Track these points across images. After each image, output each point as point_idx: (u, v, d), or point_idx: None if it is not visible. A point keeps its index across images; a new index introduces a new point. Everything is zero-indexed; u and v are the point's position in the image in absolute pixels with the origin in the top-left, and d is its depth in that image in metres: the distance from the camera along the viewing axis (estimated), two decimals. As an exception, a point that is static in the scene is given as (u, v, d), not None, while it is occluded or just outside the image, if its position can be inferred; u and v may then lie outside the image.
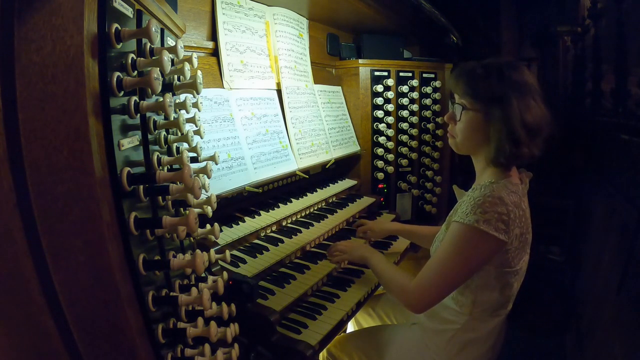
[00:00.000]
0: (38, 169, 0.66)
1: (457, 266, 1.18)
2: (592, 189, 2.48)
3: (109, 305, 0.70)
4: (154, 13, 0.90)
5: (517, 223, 1.16)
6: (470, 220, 1.13)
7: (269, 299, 1.32)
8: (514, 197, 1.17)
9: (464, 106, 1.26)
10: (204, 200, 1.03)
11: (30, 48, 0.65)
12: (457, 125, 1.30)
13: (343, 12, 2.16)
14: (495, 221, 1.12)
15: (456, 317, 1.31)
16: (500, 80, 1.19)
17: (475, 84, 1.23)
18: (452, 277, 1.20)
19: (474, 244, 1.15)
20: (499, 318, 1.32)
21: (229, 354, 0.89)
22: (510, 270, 1.22)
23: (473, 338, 1.31)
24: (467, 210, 1.16)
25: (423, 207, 2.63)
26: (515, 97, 1.17)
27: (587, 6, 2.56)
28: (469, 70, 1.26)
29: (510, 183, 1.21)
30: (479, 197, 1.16)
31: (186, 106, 0.98)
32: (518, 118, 1.16)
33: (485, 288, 1.24)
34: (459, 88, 1.28)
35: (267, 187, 1.76)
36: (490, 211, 1.12)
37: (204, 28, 1.62)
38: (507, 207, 1.13)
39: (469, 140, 1.28)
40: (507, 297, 1.28)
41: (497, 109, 1.19)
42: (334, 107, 2.31)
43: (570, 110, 3.06)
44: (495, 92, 1.19)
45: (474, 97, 1.24)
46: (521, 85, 1.19)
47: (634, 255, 1.49)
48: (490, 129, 1.21)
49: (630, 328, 1.41)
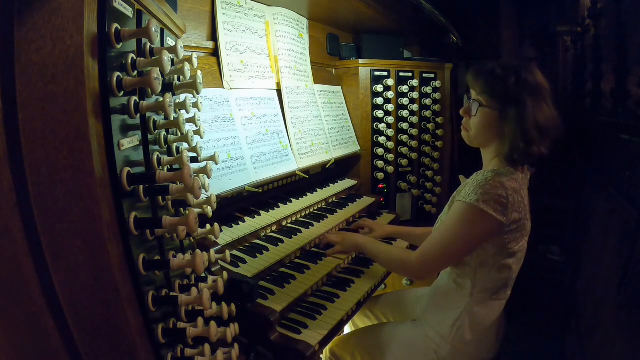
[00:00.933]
0: (38, 169, 0.66)
1: (457, 239, 1.28)
2: (592, 189, 2.48)
3: (109, 305, 0.70)
4: (154, 13, 0.90)
5: (515, 207, 1.23)
6: (471, 200, 1.22)
7: (269, 299, 1.32)
8: (514, 183, 1.24)
9: (480, 103, 1.33)
10: (204, 200, 1.03)
11: (30, 48, 0.65)
12: (472, 120, 1.37)
13: (343, 12, 2.16)
14: (494, 202, 1.20)
15: (458, 302, 1.36)
16: (517, 81, 1.26)
17: (493, 83, 1.30)
18: (452, 249, 1.30)
19: (474, 221, 1.24)
20: (499, 302, 1.37)
21: (229, 354, 0.89)
22: (509, 252, 1.29)
23: (476, 321, 1.34)
24: (469, 191, 1.25)
25: (423, 207, 2.63)
26: (530, 99, 1.25)
27: (587, 6, 2.56)
28: (489, 70, 1.32)
29: (511, 172, 1.28)
30: (481, 180, 1.25)
31: (186, 106, 0.98)
32: (532, 119, 1.24)
33: (484, 267, 1.31)
34: (477, 86, 1.34)
35: (267, 187, 1.76)
36: (491, 193, 1.21)
37: (204, 28, 1.62)
38: (506, 191, 1.21)
39: (482, 134, 1.36)
40: (506, 280, 1.34)
41: (513, 109, 1.26)
42: (334, 107, 2.31)
43: (570, 110, 3.06)
44: (512, 93, 1.26)
45: (492, 96, 1.30)
46: (536, 88, 1.27)
47: (634, 255, 1.49)
48: (504, 127, 1.29)
49: (630, 328, 1.41)
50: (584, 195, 2.70)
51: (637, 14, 1.88)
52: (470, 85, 1.39)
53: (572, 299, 2.56)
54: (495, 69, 1.31)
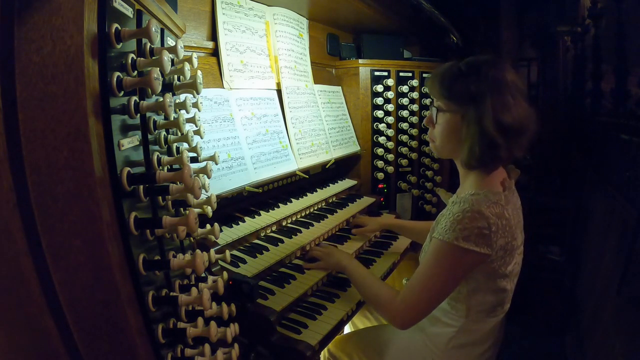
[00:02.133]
0: (38, 169, 0.66)
1: (441, 281, 1.16)
2: (592, 189, 2.48)
3: (109, 305, 0.70)
4: (154, 13, 0.90)
5: (500, 234, 1.12)
6: (449, 238, 1.11)
7: (269, 299, 1.32)
8: (496, 208, 1.13)
9: (439, 108, 1.23)
10: (204, 200, 1.03)
11: (30, 48, 0.65)
12: (436, 129, 1.26)
13: (343, 12, 2.16)
14: (475, 236, 1.09)
15: (453, 321, 1.30)
16: (476, 78, 1.14)
17: (449, 83, 1.19)
18: (436, 292, 1.17)
19: (456, 260, 1.13)
20: (497, 318, 1.31)
21: (229, 354, 0.89)
22: (501, 275, 1.20)
23: (472, 339, 1.30)
24: (446, 227, 1.13)
25: (423, 207, 2.63)
26: (491, 95, 1.12)
27: (587, 6, 2.56)
28: (444, 71, 1.21)
29: (491, 193, 1.16)
30: (457, 213, 1.12)
31: (186, 106, 0.98)
32: (491, 118, 1.11)
33: (477, 292, 1.23)
34: (434, 89, 1.24)
35: (267, 187, 1.76)
36: (470, 227, 1.09)
37: (204, 28, 1.62)
38: (487, 221, 1.10)
39: (447, 144, 1.24)
40: (502, 299, 1.27)
41: (472, 109, 1.14)
42: (334, 107, 2.31)
43: (570, 110, 3.06)
44: (470, 92, 1.14)
45: (449, 98, 1.20)
46: (498, 83, 1.13)
47: (634, 255, 1.49)
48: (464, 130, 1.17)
49: (630, 328, 1.41)
50: (584, 195, 2.70)
51: (637, 14, 1.88)
52: (429, 91, 1.28)
53: (572, 299, 2.56)
54: (451, 68, 1.20)
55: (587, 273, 2.34)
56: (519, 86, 1.16)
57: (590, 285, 2.17)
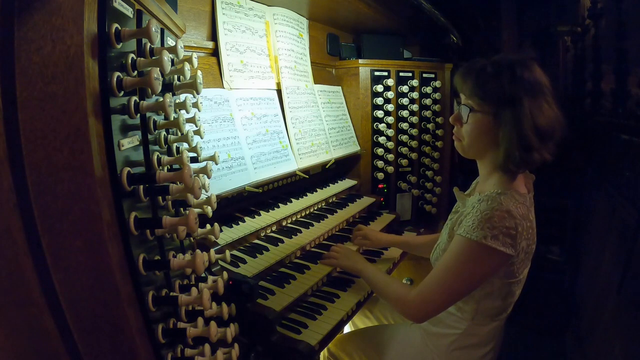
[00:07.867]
0: (38, 169, 0.66)
1: (462, 279, 1.14)
2: (592, 189, 2.48)
3: (109, 305, 0.70)
4: (154, 13, 0.90)
5: (524, 236, 1.11)
6: (477, 236, 1.08)
7: (269, 299, 1.32)
8: (522, 209, 1.12)
9: (471, 108, 1.18)
10: (204, 200, 1.03)
11: (30, 48, 0.65)
12: (464, 128, 1.22)
13: (343, 12, 2.16)
14: (503, 236, 1.07)
15: (457, 323, 1.30)
16: (512, 79, 1.11)
17: (484, 83, 1.15)
18: (455, 290, 1.16)
19: (481, 259, 1.11)
20: (499, 322, 1.31)
21: (229, 354, 0.89)
22: (515, 281, 1.20)
23: (474, 342, 1.31)
24: (473, 225, 1.10)
25: (423, 207, 2.63)
26: (528, 98, 1.10)
27: (587, 6, 2.56)
28: (478, 69, 1.17)
29: (517, 194, 1.14)
30: (486, 211, 1.09)
31: (186, 106, 0.98)
32: (530, 122, 1.09)
33: (489, 297, 1.22)
34: (466, 88, 1.20)
35: (267, 187, 1.76)
36: (499, 226, 1.07)
37: (204, 28, 1.62)
38: (515, 221, 1.08)
39: (476, 144, 1.22)
40: (509, 304, 1.27)
41: (508, 112, 1.11)
42: (334, 107, 2.31)
43: (570, 110, 3.06)
44: (506, 93, 1.11)
45: (483, 99, 1.16)
46: (534, 86, 1.11)
47: (634, 255, 1.49)
48: (499, 133, 1.14)
49: (630, 328, 1.41)
50: (584, 195, 2.70)
51: (637, 14, 1.88)
52: (458, 88, 1.24)
53: (572, 299, 2.56)
54: (486, 67, 1.15)
55: (587, 273, 2.34)
56: (549, 87, 1.15)
57: (590, 285, 2.17)
